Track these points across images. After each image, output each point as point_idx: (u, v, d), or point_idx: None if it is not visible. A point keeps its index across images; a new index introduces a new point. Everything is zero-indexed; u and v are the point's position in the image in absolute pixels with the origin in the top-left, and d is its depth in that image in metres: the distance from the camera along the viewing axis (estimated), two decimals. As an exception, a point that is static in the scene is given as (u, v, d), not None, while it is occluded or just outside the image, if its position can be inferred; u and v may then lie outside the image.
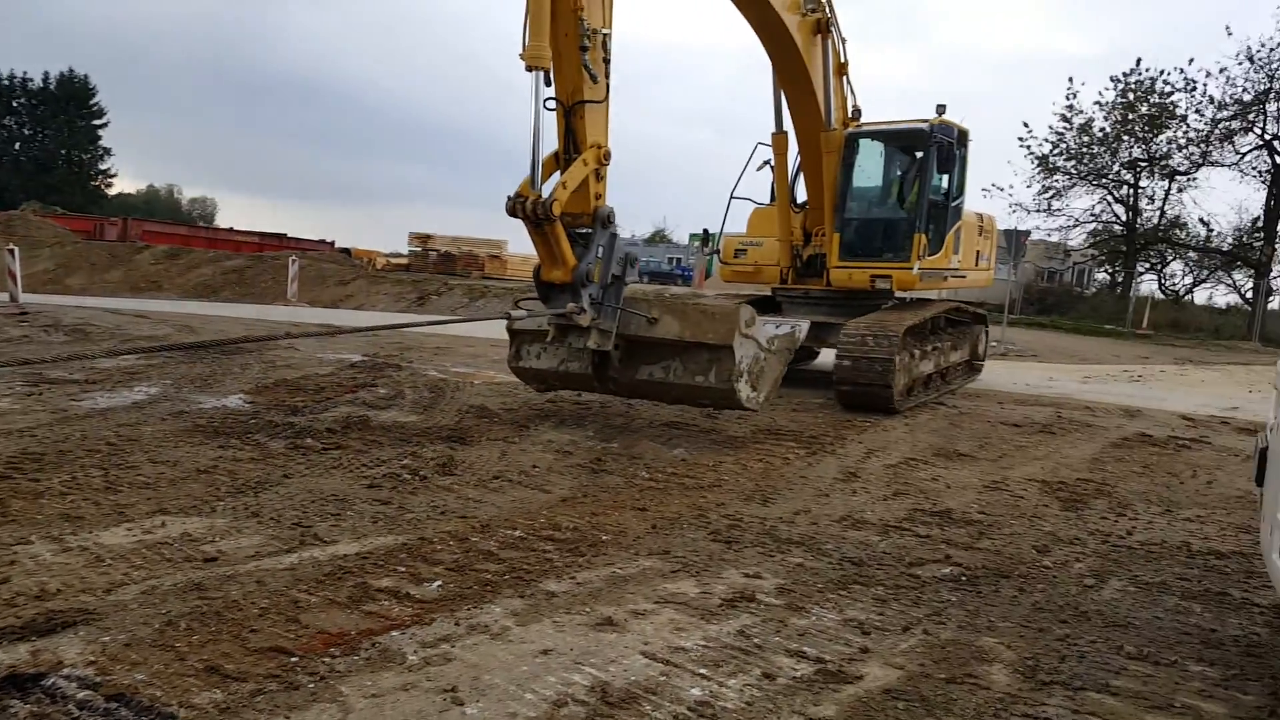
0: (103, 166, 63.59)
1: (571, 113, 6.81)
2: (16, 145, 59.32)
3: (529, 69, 6.37)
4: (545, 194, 6.53)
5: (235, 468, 5.66)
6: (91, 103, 61.36)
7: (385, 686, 2.92)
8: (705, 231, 12.50)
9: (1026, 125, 46.08)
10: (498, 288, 25.64)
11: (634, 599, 3.83)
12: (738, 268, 11.84)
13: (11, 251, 17.12)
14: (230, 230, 43.42)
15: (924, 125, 10.83)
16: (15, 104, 59.22)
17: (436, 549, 4.33)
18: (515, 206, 6.54)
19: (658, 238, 68.67)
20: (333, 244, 44.18)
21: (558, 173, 6.79)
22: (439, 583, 3.88)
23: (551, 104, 6.77)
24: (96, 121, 62.12)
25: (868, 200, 11.54)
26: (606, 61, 6.92)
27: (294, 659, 3.08)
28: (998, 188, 37.91)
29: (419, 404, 8.37)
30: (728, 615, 3.71)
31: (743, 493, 5.82)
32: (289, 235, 42.93)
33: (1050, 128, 35.31)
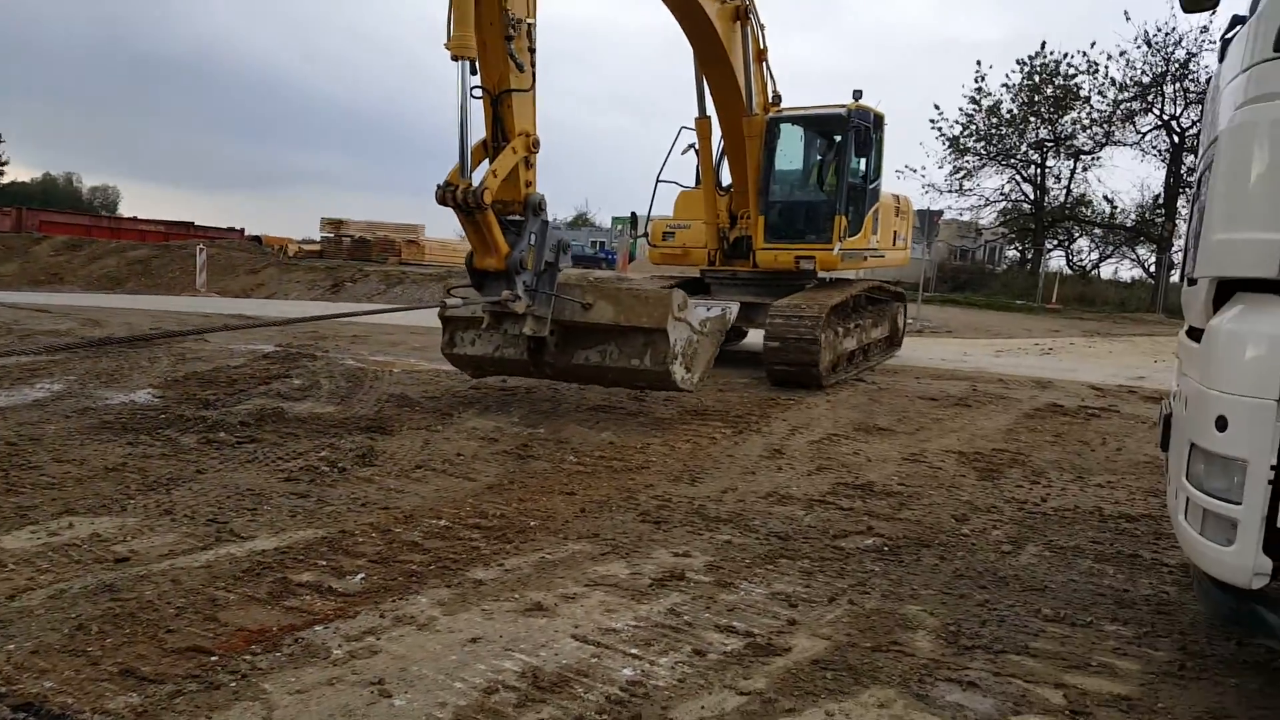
0: (-8, 154, 60.15)
1: (499, 102, 6.82)
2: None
3: (454, 59, 6.35)
4: (475, 182, 6.55)
5: (145, 465, 5.44)
6: None
7: (310, 682, 2.85)
8: (633, 215, 12.51)
9: (938, 107, 47.24)
10: (415, 273, 25.17)
11: (564, 583, 3.82)
12: (666, 250, 11.95)
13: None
14: (134, 219, 41.64)
15: (842, 110, 11.07)
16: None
17: (358, 541, 4.24)
18: (446, 195, 6.56)
19: (580, 221, 68.34)
20: (242, 231, 42.74)
21: (486, 161, 6.80)
22: (362, 575, 3.80)
23: (478, 93, 6.76)
24: (-19, 106, 58.68)
25: (790, 183, 11.75)
26: (532, 50, 6.95)
27: (214, 658, 2.98)
28: (911, 169, 38.76)
29: (336, 394, 8.18)
30: (658, 595, 3.73)
31: (671, 473, 5.85)
32: (196, 224, 41.42)
33: (960, 110, 36.32)
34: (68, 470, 5.23)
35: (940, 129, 35.80)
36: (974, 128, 35.60)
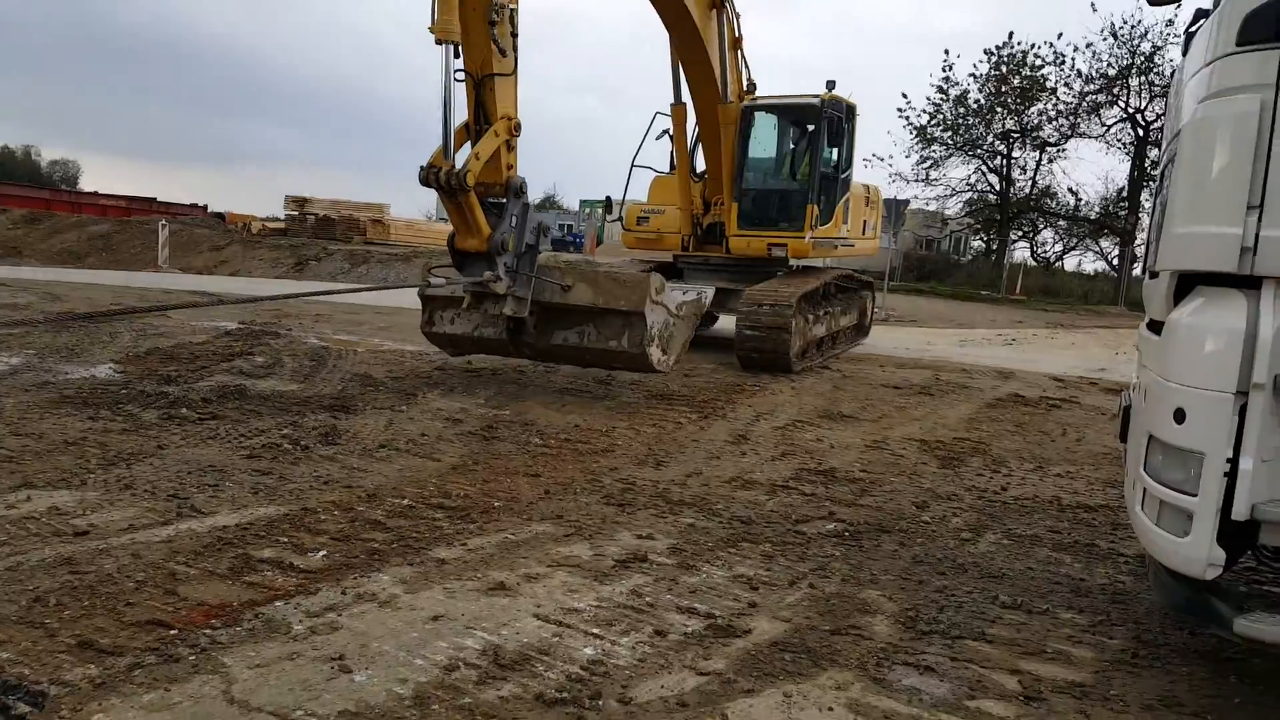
0: (-56, 125, 58.52)
1: (481, 85, 6.92)
2: None
3: (438, 42, 6.47)
4: (459, 165, 6.70)
5: (106, 439, 5.37)
6: None
7: (270, 657, 2.84)
8: (607, 199, 12.54)
9: (905, 96, 47.32)
10: (381, 252, 24.87)
11: (527, 563, 3.84)
12: (640, 235, 11.99)
13: None
14: (95, 194, 40.75)
15: (815, 100, 11.14)
16: None
17: (320, 519, 4.23)
18: (429, 176, 6.74)
19: (547, 204, 67.86)
20: (205, 208, 42.01)
21: (468, 143, 6.95)
22: (324, 552, 3.79)
23: (461, 76, 6.85)
24: (-60, 76, 57.01)
25: (763, 171, 11.84)
26: (514, 35, 7.06)
27: (173, 632, 2.97)
28: (878, 158, 38.92)
29: (299, 372, 8.10)
30: (620, 576, 3.76)
31: (636, 457, 5.88)
32: (159, 200, 40.62)
33: (928, 99, 36.43)
34: (26, 444, 5.15)
35: (908, 118, 35.98)
36: (941, 117, 35.80)
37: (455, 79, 6.70)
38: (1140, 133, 32.91)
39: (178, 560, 3.59)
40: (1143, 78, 31.93)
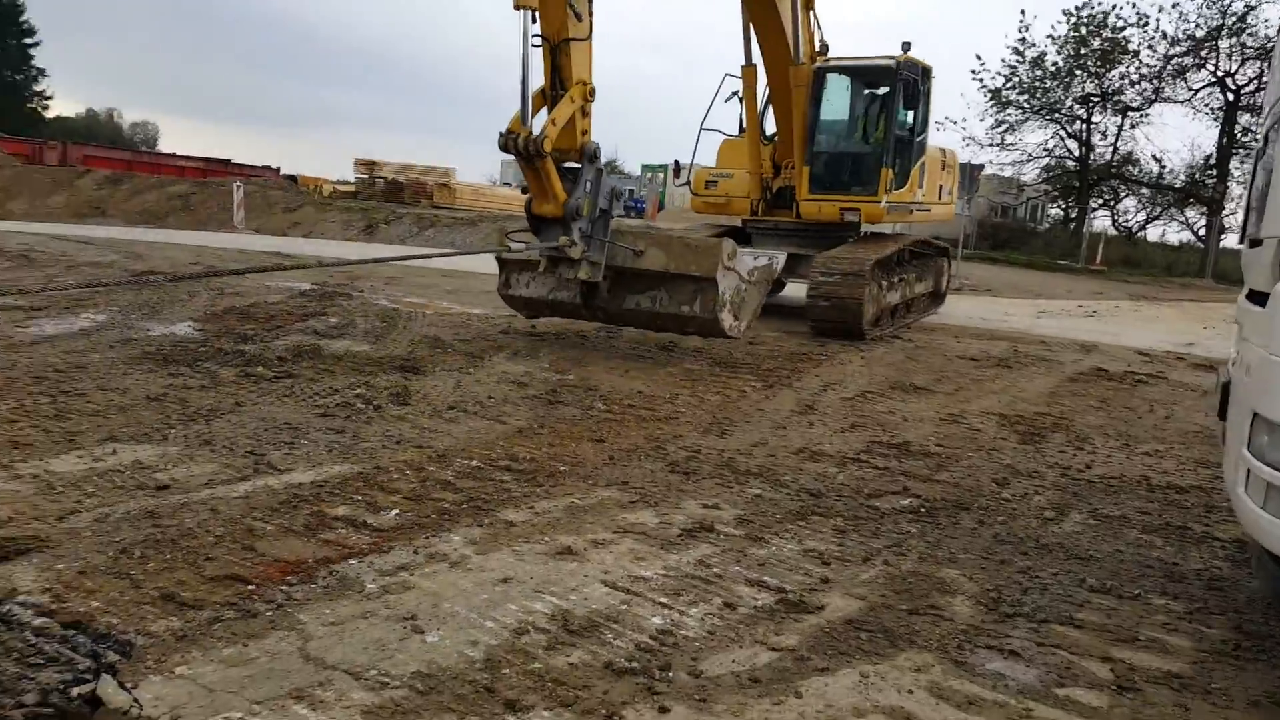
0: (38, 88, 60.49)
1: (558, 50, 6.99)
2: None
3: (516, 8, 6.59)
4: (535, 130, 6.83)
5: (186, 395, 5.50)
6: (20, 20, 57.95)
7: (344, 614, 2.87)
8: (675, 162, 12.43)
9: (979, 58, 45.62)
10: (447, 217, 25.07)
11: (593, 529, 3.81)
12: (709, 199, 11.84)
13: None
14: (173, 155, 41.83)
15: (890, 61, 10.82)
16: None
17: (393, 478, 4.26)
18: (508, 142, 6.88)
19: (609, 169, 67.47)
20: (278, 170, 42.84)
21: (544, 109, 7.08)
22: (396, 511, 3.82)
23: (537, 41, 6.94)
24: (28, 40, 58.81)
25: (835, 134, 11.53)
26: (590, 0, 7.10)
27: (251, 587, 3.01)
28: (951, 120, 37.66)
29: (371, 333, 8.21)
30: (687, 545, 3.71)
31: (700, 425, 5.81)
32: (233, 161, 41.54)
33: (1003, 60, 35.07)
34: (111, 399, 5.30)
35: (982, 80, 34.70)
36: (1017, 80, 34.42)
37: (532, 45, 6.81)
38: (1230, 98, 31.17)
39: (255, 516, 3.65)
40: (1234, 39, 30.12)
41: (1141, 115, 34.62)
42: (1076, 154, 36.26)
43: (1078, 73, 33.72)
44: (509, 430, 5.35)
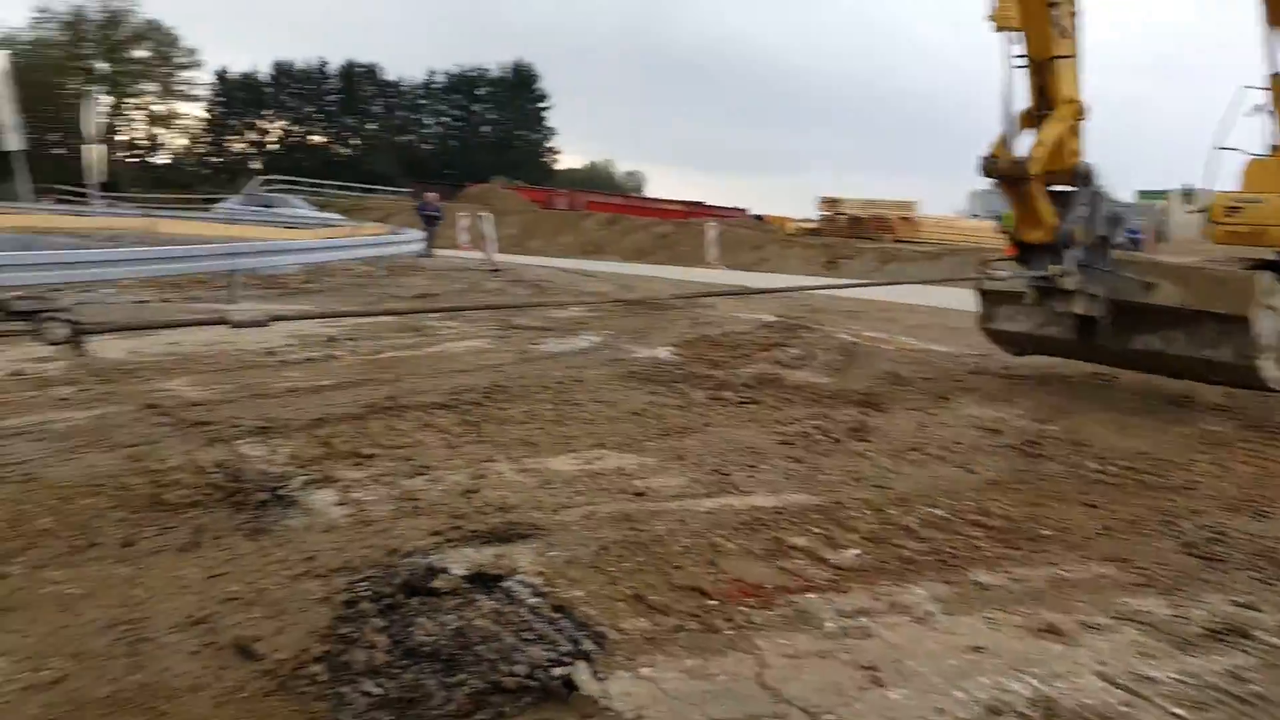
0: (549, 144, 71.88)
1: (1042, 70, 6.57)
2: (482, 128, 68.88)
3: (997, 29, 6.33)
4: (1018, 153, 6.52)
5: (663, 412, 5.93)
6: (535, 87, 69.28)
7: (801, 649, 2.77)
8: (1186, 188, 10.83)
9: None
10: (909, 251, 24.52)
11: (1085, 608, 3.26)
12: (1232, 227, 10.01)
13: (486, 219, 20.05)
14: (657, 199, 46.81)
15: None
16: (479, 92, 68.73)
17: (851, 515, 4.10)
18: (990, 166, 6.58)
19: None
20: (745, 211, 45.67)
21: (1027, 132, 6.68)
22: (856, 551, 3.64)
23: (1020, 62, 6.60)
24: (542, 104, 70.15)
25: None
26: (1074, 15, 6.62)
27: (712, 602, 3.06)
28: None
29: (830, 366, 8.19)
30: (1212, 649, 3.00)
31: (1226, 500, 4.77)
32: (706, 203, 45.23)
33: None
34: (600, 409, 5.91)
35: None
36: None
37: (1014, 66, 6.47)
38: None
39: (718, 532, 3.73)
40: None
41: None
42: None
43: None
44: (979, 481, 4.89)
